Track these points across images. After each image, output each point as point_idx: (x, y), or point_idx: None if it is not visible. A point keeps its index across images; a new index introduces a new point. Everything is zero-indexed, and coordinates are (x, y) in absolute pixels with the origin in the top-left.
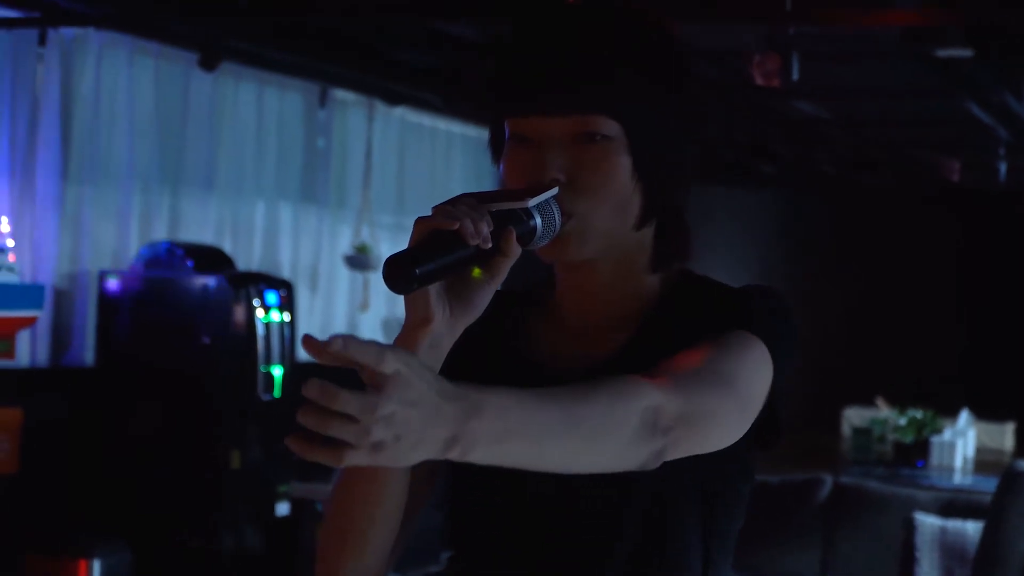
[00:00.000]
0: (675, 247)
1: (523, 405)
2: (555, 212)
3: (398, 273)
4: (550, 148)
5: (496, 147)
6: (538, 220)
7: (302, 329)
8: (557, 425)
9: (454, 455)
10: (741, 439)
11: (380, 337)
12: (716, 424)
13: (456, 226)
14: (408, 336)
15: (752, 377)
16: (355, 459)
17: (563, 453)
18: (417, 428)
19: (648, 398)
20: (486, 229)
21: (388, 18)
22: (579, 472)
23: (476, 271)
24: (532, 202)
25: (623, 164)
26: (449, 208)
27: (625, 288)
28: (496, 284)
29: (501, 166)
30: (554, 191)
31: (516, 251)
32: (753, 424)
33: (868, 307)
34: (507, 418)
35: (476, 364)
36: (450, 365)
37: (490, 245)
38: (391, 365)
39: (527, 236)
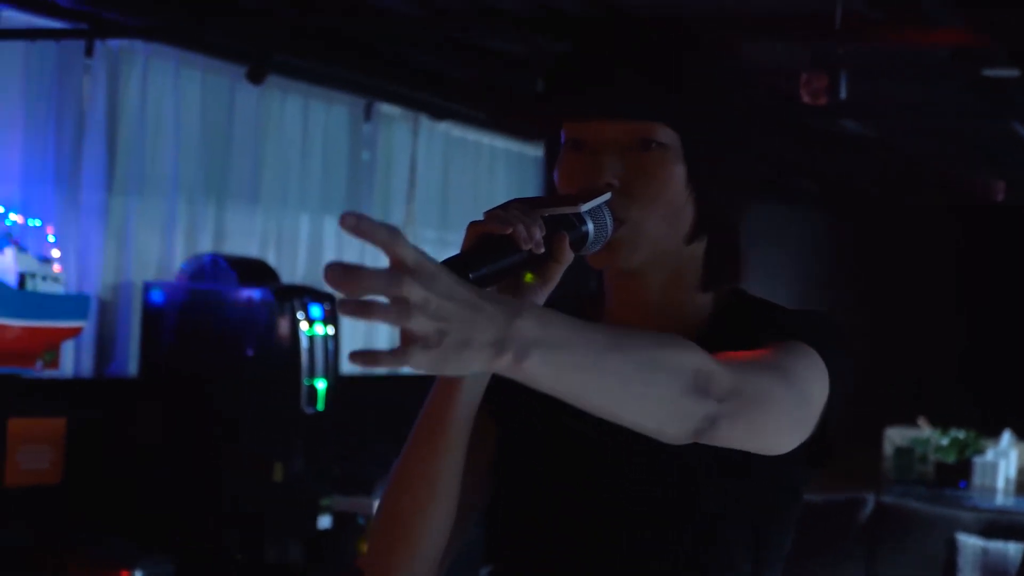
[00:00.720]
0: (726, 264)
1: (568, 321)
2: (607, 218)
3: None
4: (605, 153)
5: (551, 158)
6: (590, 225)
7: (346, 343)
8: (605, 349)
9: (505, 363)
10: (791, 454)
11: None
12: (772, 411)
13: (509, 230)
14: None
15: (810, 379)
16: (408, 358)
17: (616, 381)
18: (460, 324)
19: (700, 359)
20: (539, 234)
21: (433, 33)
22: (633, 416)
23: (528, 276)
24: (585, 207)
25: (677, 173)
26: (501, 213)
27: (675, 303)
28: (548, 289)
29: (555, 174)
30: (606, 196)
31: (569, 256)
32: (804, 441)
33: (910, 326)
34: (552, 327)
35: None
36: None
37: (543, 250)
38: (409, 252)
39: (579, 241)
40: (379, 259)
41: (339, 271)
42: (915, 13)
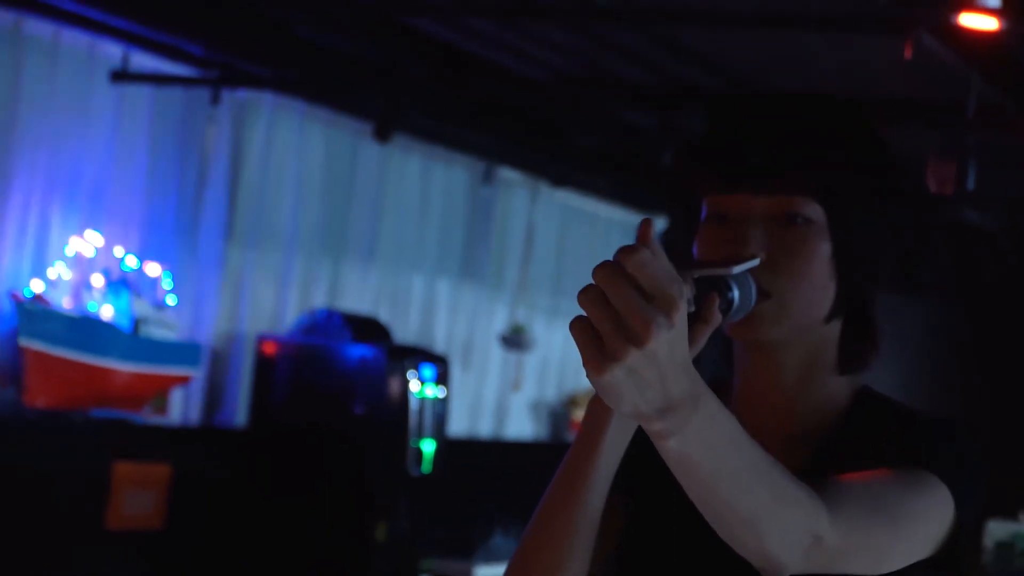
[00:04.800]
0: (863, 346)
1: (730, 431)
2: (752, 288)
3: None
4: (751, 226)
5: (681, 230)
6: (736, 292)
7: (454, 406)
8: (750, 469)
9: (655, 428)
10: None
11: (529, 419)
12: (866, 560)
13: None
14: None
15: (924, 518)
16: (585, 349)
17: (743, 499)
18: (655, 376)
19: (816, 523)
20: (689, 292)
21: (560, 101)
22: (725, 532)
23: None
24: (736, 270)
25: (823, 250)
26: None
27: (809, 386)
28: (695, 351)
29: (695, 246)
30: (756, 262)
31: (717, 319)
32: (930, 562)
33: (1017, 420)
34: (713, 430)
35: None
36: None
37: (693, 309)
38: (678, 302)
39: (724, 307)
40: (492, 316)
41: (645, 225)
42: None
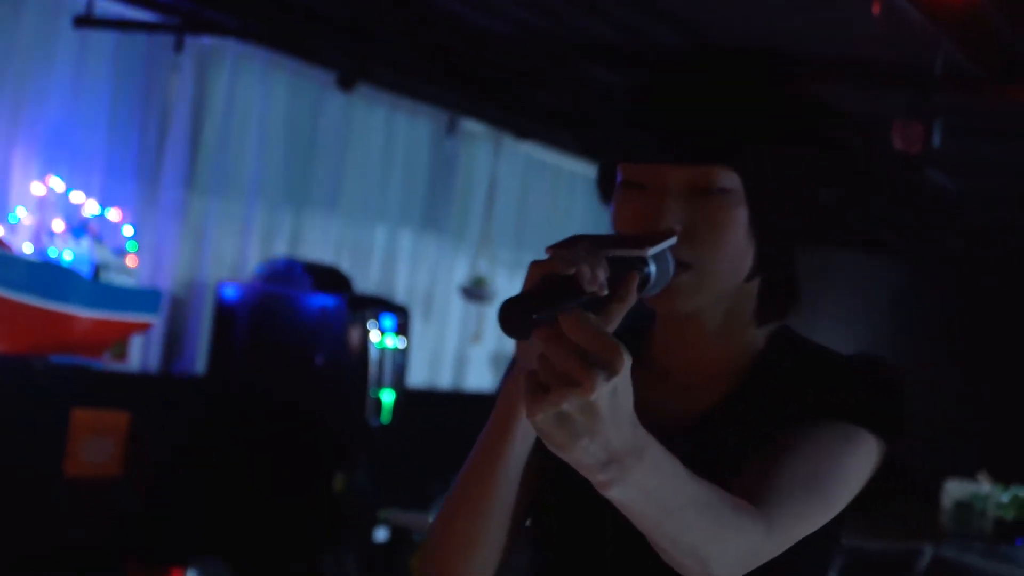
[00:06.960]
0: (783, 299)
1: (671, 474)
2: (670, 261)
3: (515, 319)
4: (668, 197)
5: (605, 188)
6: (653, 268)
7: (414, 356)
8: (692, 506)
9: (600, 478)
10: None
11: (489, 371)
12: (804, 535)
13: (573, 271)
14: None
15: (849, 479)
16: (528, 393)
17: (686, 532)
18: (597, 428)
19: (755, 540)
20: (603, 276)
21: (527, 55)
22: (675, 558)
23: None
24: (652, 251)
25: (740, 217)
26: (566, 252)
27: (728, 341)
28: (610, 331)
29: (611, 208)
30: (672, 241)
31: (632, 299)
32: (854, 502)
33: (976, 382)
34: (656, 478)
35: None
36: None
37: (606, 292)
38: (624, 359)
39: (641, 284)
40: (454, 268)
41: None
42: (1015, 72)
